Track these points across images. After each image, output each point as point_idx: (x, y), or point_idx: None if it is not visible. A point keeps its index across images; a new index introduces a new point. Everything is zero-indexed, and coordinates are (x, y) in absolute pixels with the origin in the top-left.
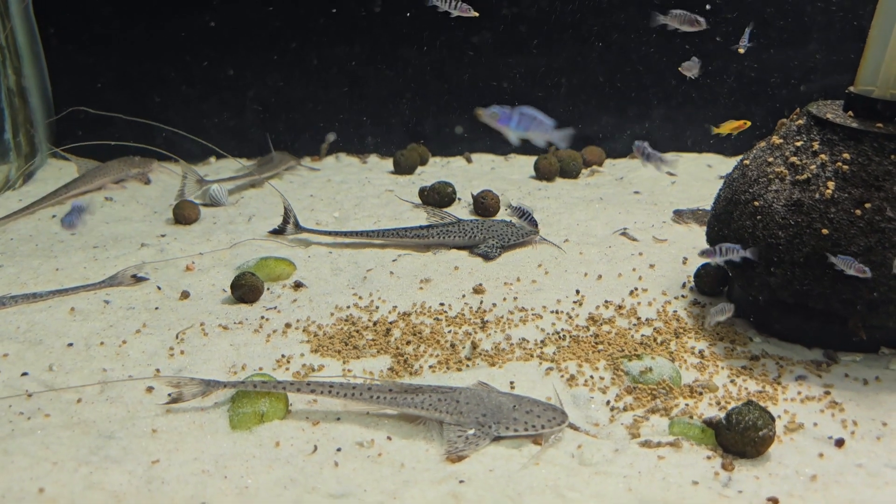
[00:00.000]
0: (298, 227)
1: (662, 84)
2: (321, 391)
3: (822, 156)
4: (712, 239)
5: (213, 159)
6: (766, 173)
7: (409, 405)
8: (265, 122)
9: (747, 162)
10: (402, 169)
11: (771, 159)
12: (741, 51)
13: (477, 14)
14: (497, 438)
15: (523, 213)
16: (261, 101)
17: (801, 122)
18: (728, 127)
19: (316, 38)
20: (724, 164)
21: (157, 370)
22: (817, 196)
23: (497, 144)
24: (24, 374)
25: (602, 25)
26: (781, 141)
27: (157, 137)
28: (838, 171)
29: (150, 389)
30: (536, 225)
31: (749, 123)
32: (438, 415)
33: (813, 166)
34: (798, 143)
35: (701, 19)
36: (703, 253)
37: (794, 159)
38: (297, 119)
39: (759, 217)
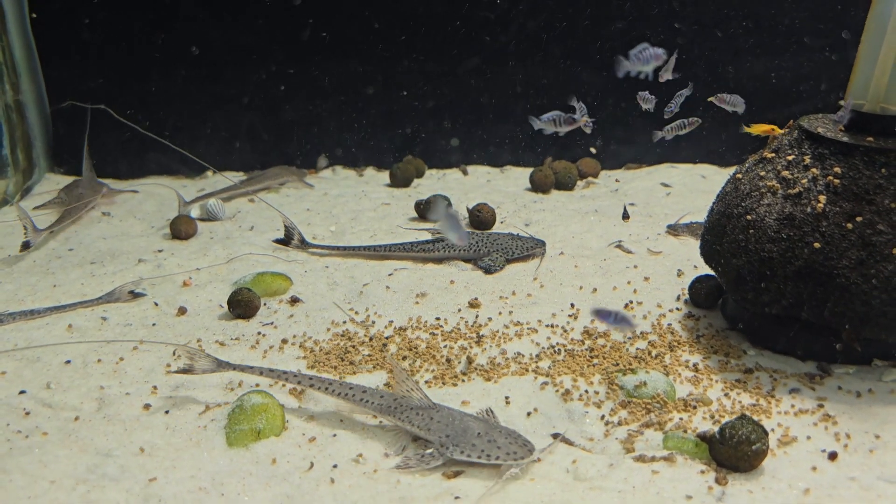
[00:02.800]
0: (304, 244)
1: (657, 96)
2: (319, 387)
3: (814, 170)
4: (706, 252)
5: (209, 173)
6: (759, 187)
7: (390, 413)
8: (263, 137)
9: (740, 176)
10: (399, 182)
11: (763, 173)
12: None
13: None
14: (450, 461)
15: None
16: (258, 116)
17: (792, 136)
18: (759, 129)
19: (313, 53)
20: (719, 175)
21: (155, 387)
22: (809, 210)
23: (492, 157)
24: (22, 391)
25: (597, 40)
26: (773, 155)
27: (154, 151)
28: (829, 185)
29: (147, 406)
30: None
31: (779, 131)
32: (411, 427)
33: (804, 180)
34: (790, 157)
35: (661, 52)
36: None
37: (785, 173)
38: (294, 133)
39: (751, 231)
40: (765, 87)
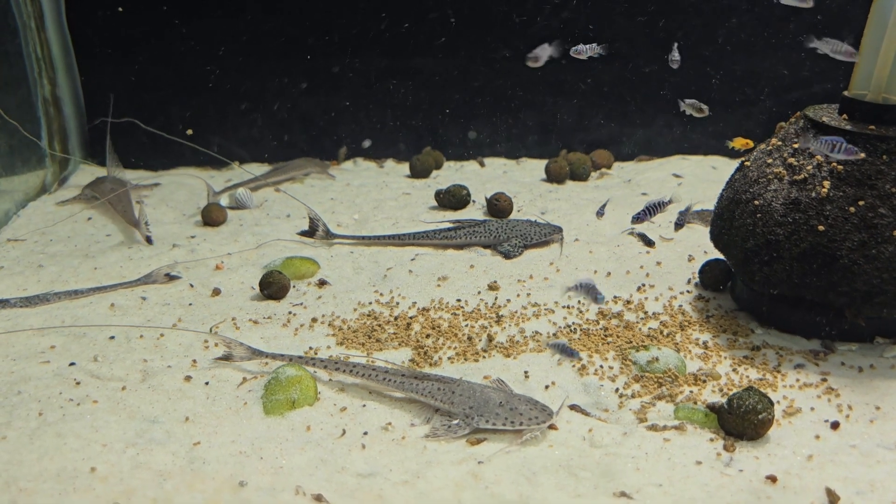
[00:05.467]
0: (329, 234)
1: (667, 88)
2: (345, 370)
3: (818, 156)
4: (715, 237)
5: (236, 164)
6: (766, 174)
7: (413, 390)
8: (287, 128)
9: (748, 163)
10: (418, 173)
11: (770, 160)
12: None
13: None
14: (476, 430)
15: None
16: (282, 108)
17: (798, 125)
18: (739, 142)
19: (335, 47)
20: (729, 166)
21: (194, 360)
22: (813, 195)
23: (508, 149)
24: (72, 364)
25: (610, 35)
26: (780, 143)
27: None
28: (833, 171)
29: (188, 378)
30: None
31: (752, 144)
32: (434, 402)
33: (809, 167)
34: (796, 145)
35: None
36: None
37: (791, 160)
38: (316, 125)
39: (759, 215)
40: (771, 78)
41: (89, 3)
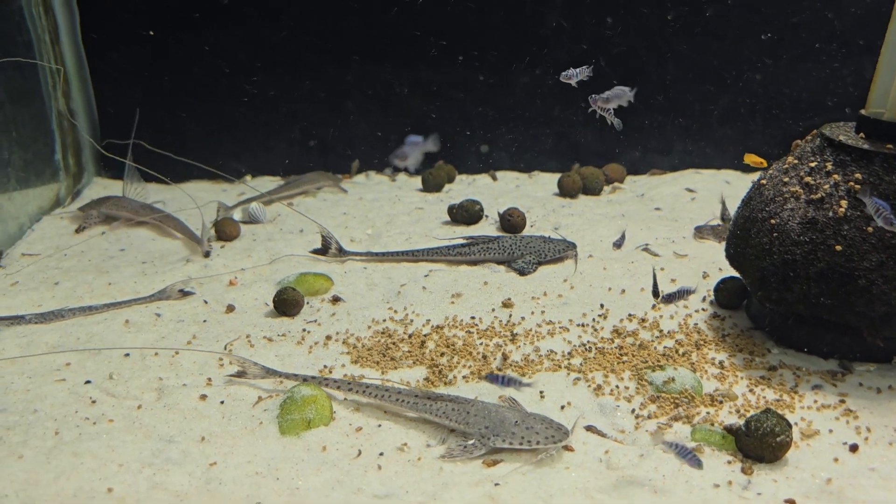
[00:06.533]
0: (342, 252)
1: (681, 102)
2: (358, 390)
3: (835, 176)
4: (731, 255)
5: (248, 178)
6: (782, 192)
7: (428, 411)
8: (299, 142)
9: (764, 181)
10: (431, 187)
11: (786, 179)
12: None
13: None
14: (493, 450)
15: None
16: (295, 122)
17: (814, 143)
18: (751, 159)
19: (346, 60)
20: (742, 181)
21: (209, 379)
22: (831, 214)
23: (521, 162)
24: (88, 381)
25: (621, 47)
26: (796, 161)
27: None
28: (851, 191)
29: (203, 397)
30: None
31: (766, 164)
32: (449, 423)
33: (826, 186)
34: (812, 164)
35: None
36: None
37: (808, 179)
38: (328, 138)
39: (775, 234)
40: (787, 96)
41: (103, 17)
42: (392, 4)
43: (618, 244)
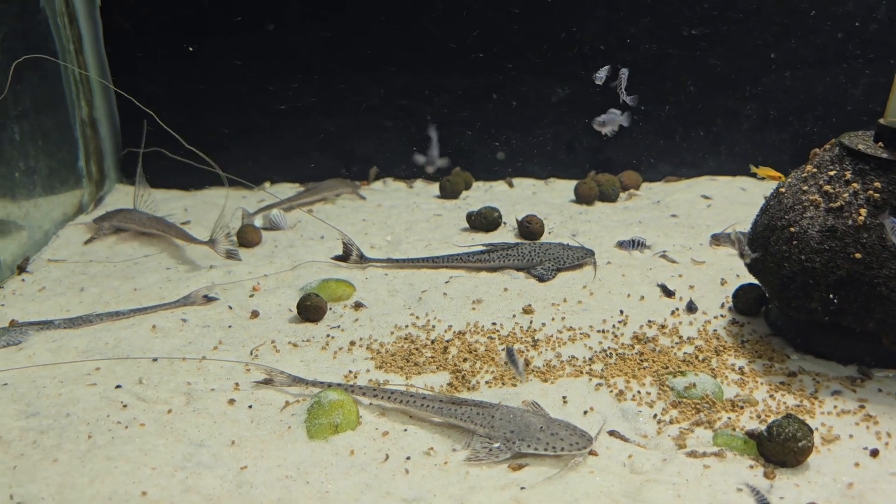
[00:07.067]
0: (363, 259)
1: (695, 108)
2: (383, 396)
3: (855, 184)
4: (750, 263)
5: (267, 184)
6: (801, 201)
7: (453, 416)
8: (317, 148)
9: (783, 190)
10: (448, 194)
11: (805, 187)
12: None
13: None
14: (518, 454)
15: None
16: (314, 128)
17: (833, 152)
18: (765, 172)
19: (363, 66)
20: (758, 188)
21: (237, 384)
22: (850, 222)
23: (537, 169)
24: (118, 386)
25: (636, 53)
26: (815, 170)
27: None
28: (870, 199)
29: (231, 402)
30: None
31: (783, 178)
32: (474, 427)
33: (846, 194)
34: (831, 173)
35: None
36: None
37: (827, 188)
38: (346, 145)
39: (794, 242)
40: (802, 103)
41: (125, 26)
42: (413, 13)
43: (623, 245)
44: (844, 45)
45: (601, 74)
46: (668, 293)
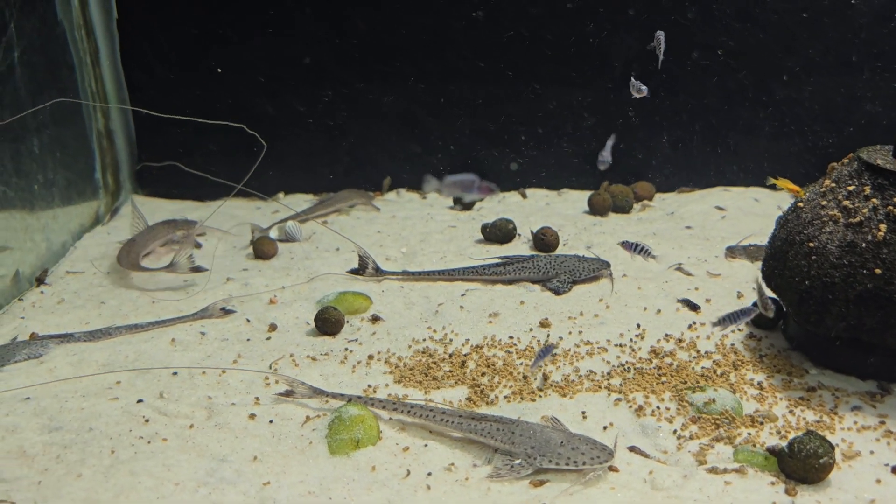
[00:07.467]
0: (379, 272)
1: (708, 118)
2: (403, 410)
3: (874, 200)
4: (769, 277)
5: (281, 194)
6: (820, 216)
7: (473, 431)
8: (330, 159)
9: (801, 204)
10: (462, 205)
11: (824, 202)
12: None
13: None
14: (539, 470)
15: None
16: (327, 139)
17: (852, 167)
18: (786, 185)
19: (374, 76)
20: (772, 199)
21: (257, 398)
22: (870, 238)
23: (549, 180)
24: (140, 400)
25: (650, 65)
26: (834, 185)
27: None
28: (889, 215)
29: (252, 416)
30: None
31: (803, 193)
32: (495, 442)
33: (865, 210)
34: (850, 188)
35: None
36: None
37: (846, 203)
38: (358, 155)
39: (813, 257)
40: (816, 114)
41: (141, 39)
42: (429, 23)
43: (627, 245)
44: (861, 56)
45: (641, 87)
46: (693, 307)
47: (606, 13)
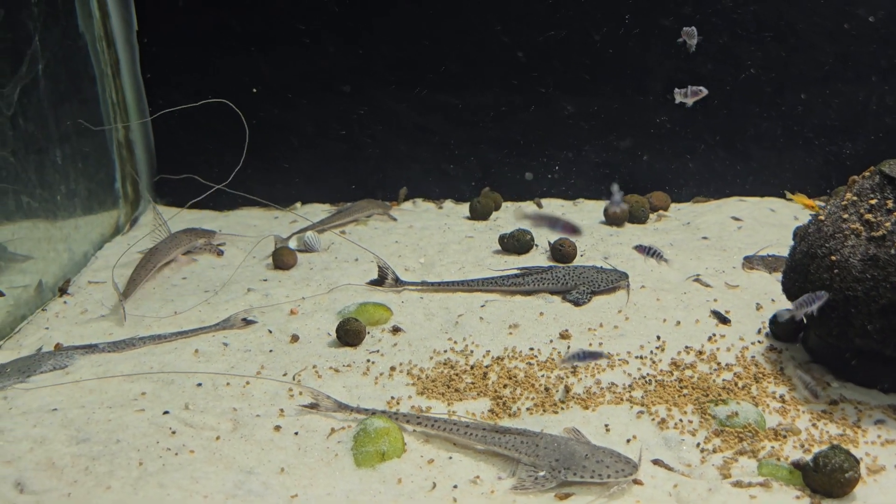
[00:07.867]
0: (399, 282)
1: (723, 129)
2: (427, 424)
3: None
4: (789, 290)
5: (298, 204)
6: (842, 229)
7: (496, 444)
8: (346, 169)
9: (822, 218)
10: (479, 215)
11: (846, 216)
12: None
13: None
14: (563, 483)
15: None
16: (343, 149)
17: (874, 180)
18: (802, 200)
19: (390, 87)
20: (788, 209)
21: (282, 409)
22: (892, 251)
23: (565, 189)
24: (166, 412)
25: (666, 73)
26: (856, 198)
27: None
28: None
29: (277, 428)
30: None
31: (817, 208)
32: (519, 455)
33: (888, 223)
34: (872, 202)
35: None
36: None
37: (868, 216)
38: (375, 165)
39: (835, 271)
40: (831, 124)
41: (161, 50)
42: (444, 33)
43: (641, 248)
44: (880, 64)
45: (687, 94)
46: (724, 320)
47: (629, 22)
